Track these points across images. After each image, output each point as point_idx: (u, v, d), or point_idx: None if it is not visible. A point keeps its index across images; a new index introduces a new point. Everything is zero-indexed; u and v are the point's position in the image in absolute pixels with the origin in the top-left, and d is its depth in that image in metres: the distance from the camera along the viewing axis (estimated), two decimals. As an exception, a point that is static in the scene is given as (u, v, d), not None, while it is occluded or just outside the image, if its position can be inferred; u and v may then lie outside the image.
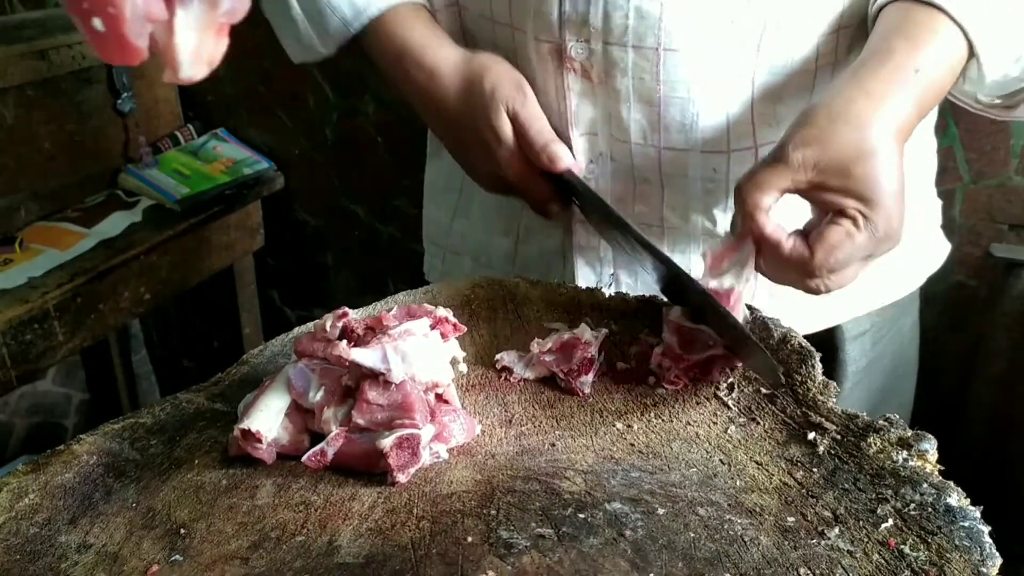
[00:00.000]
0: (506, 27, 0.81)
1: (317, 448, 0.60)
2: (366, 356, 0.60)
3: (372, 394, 0.60)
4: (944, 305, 1.45)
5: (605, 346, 0.70)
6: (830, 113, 0.65)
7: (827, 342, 0.88)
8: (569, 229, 0.86)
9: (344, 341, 0.61)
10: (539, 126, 0.79)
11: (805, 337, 0.69)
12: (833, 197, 0.65)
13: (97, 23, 0.40)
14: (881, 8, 0.71)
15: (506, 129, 0.79)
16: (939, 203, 0.96)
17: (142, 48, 0.41)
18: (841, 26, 0.75)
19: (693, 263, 0.83)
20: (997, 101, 0.75)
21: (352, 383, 0.61)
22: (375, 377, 0.60)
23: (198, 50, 0.44)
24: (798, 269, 0.66)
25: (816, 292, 0.68)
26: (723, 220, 0.82)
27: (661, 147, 0.79)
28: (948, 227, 1.00)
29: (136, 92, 1.63)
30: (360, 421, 0.59)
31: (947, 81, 0.69)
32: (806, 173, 0.65)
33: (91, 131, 1.57)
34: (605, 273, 0.87)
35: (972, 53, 0.68)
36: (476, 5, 0.82)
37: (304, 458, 0.60)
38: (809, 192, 0.66)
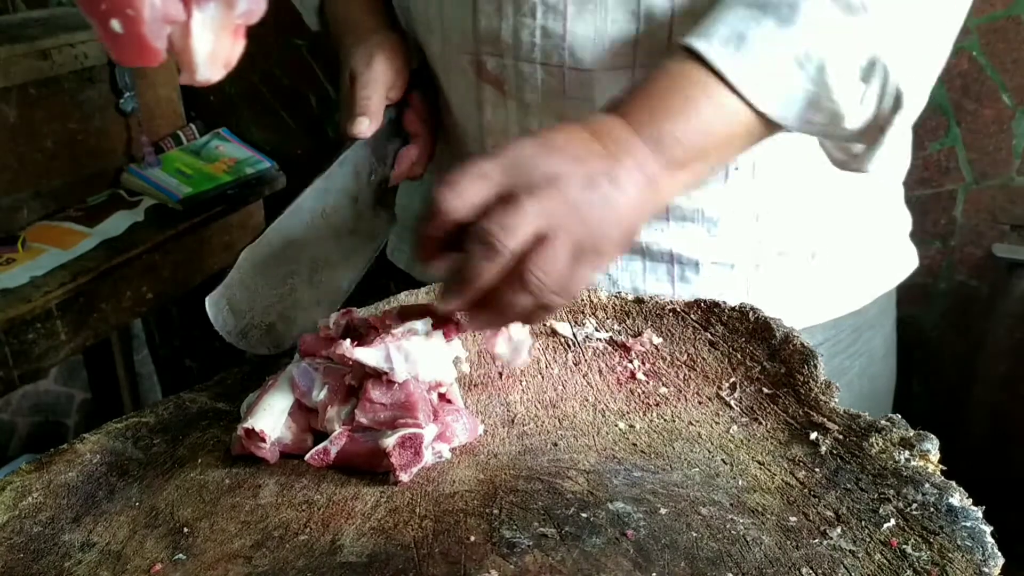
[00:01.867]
0: (437, 37, 0.83)
1: (320, 447, 0.60)
2: (369, 355, 0.60)
3: (375, 393, 0.60)
4: (946, 305, 1.45)
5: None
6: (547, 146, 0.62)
7: None
8: None
9: (348, 340, 0.61)
10: (362, 94, 0.82)
11: None
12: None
13: (115, 25, 0.40)
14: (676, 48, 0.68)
15: (344, 87, 0.84)
16: (907, 214, 0.94)
17: (160, 49, 0.42)
18: None
19: (611, 268, 0.84)
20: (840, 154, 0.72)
21: (355, 382, 0.61)
22: (378, 376, 0.60)
23: (215, 52, 0.44)
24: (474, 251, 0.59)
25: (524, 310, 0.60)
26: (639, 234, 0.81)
27: None
28: (950, 227, 0.99)
29: (139, 91, 1.63)
30: (363, 420, 0.59)
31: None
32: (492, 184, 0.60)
33: (93, 130, 1.57)
34: None
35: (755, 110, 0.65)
36: (418, 14, 0.85)
37: (308, 456, 0.60)
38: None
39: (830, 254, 0.85)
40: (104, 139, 1.60)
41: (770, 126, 0.66)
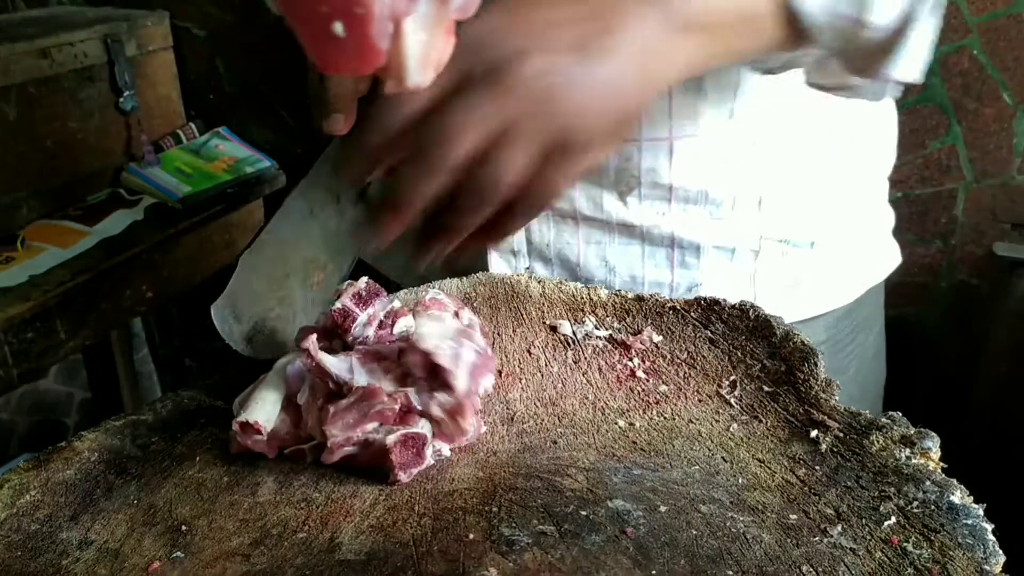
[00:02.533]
0: None
1: (327, 450, 0.60)
2: (333, 363, 0.59)
3: (339, 404, 0.59)
4: (947, 304, 1.45)
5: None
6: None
7: None
8: None
9: (314, 336, 0.61)
10: (334, 91, 0.80)
11: None
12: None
13: (338, 28, 0.36)
14: None
15: (313, 84, 0.83)
16: (891, 211, 0.95)
17: (384, 51, 0.37)
18: None
19: (608, 253, 0.83)
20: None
21: (335, 386, 0.60)
22: (338, 387, 0.60)
23: (427, 53, 0.39)
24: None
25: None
26: (637, 208, 0.81)
27: None
28: (950, 226, 0.99)
29: (138, 90, 1.63)
30: (334, 431, 0.58)
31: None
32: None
33: (93, 129, 1.57)
34: (520, 265, 0.87)
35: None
36: None
37: (322, 457, 0.59)
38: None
39: (829, 244, 0.85)
40: (104, 138, 1.60)
41: (792, 28, 0.59)
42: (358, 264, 0.83)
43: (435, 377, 0.60)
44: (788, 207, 0.82)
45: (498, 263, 0.87)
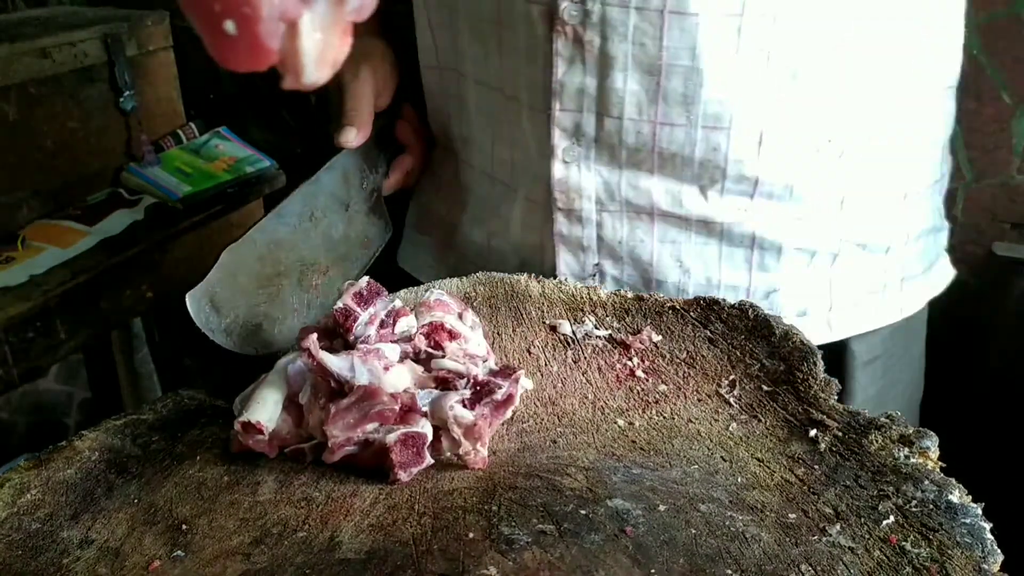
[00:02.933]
0: None
1: (328, 450, 0.60)
2: (334, 362, 0.60)
3: (341, 403, 0.59)
4: (946, 304, 1.45)
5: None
6: None
7: (836, 367, 0.83)
8: (550, 218, 0.82)
9: (315, 335, 0.61)
10: (350, 105, 0.80)
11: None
12: None
13: (229, 26, 0.38)
14: None
15: (332, 94, 0.82)
16: (946, 225, 0.93)
17: (275, 50, 0.39)
18: (856, 15, 0.71)
19: (684, 253, 0.80)
20: None
21: (336, 385, 0.60)
22: (340, 386, 0.60)
23: (323, 52, 0.40)
24: None
25: None
26: (718, 203, 0.78)
27: (658, 122, 0.74)
28: (950, 226, 1.00)
29: (138, 90, 1.63)
30: (336, 432, 0.59)
31: None
32: None
33: (93, 129, 1.57)
34: (589, 262, 0.83)
35: None
36: None
37: (323, 456, 0.60)
38: None
39: (902, 251, 0.84)
40: (104, 138, 1.60)
41: None
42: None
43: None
44: (869, 209, 0.80)
45: (566, 258, 0.83)
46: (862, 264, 0.82)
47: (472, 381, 0.62)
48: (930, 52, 0.80)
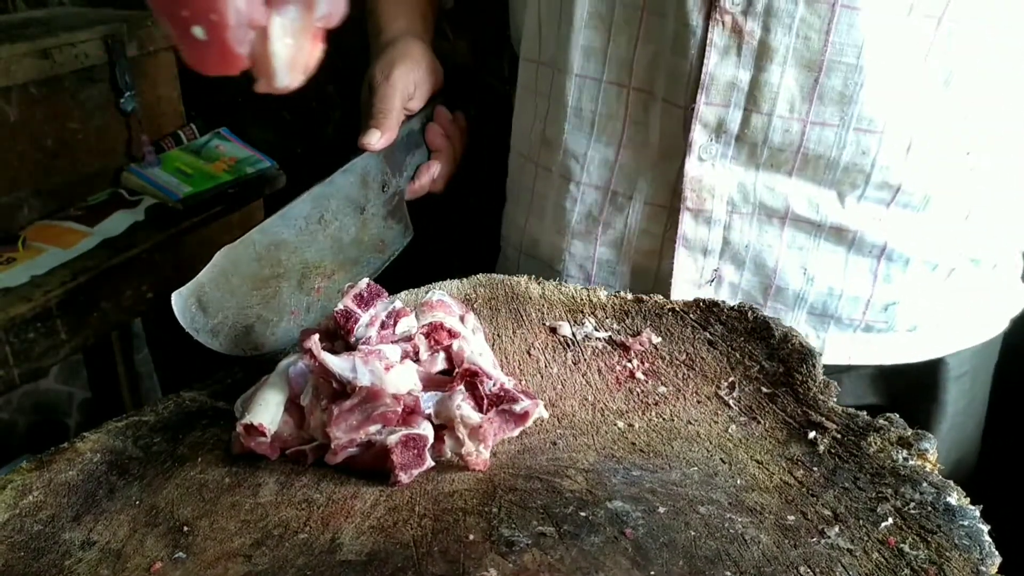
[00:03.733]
0: None
1: (330, 451, 0.60)
2: (335, 362, 0.60)
3: (343, 404, 0.59)
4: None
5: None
6: None
7: (929, 379, 0.83)
8: (675, 221, 0.80)
9: (316, 336, 0.61)
10: (378, 107, 0.80)
11: (908, 366, 0.66)
12: None
13: (198, 31, 0.39)
14: None
15: (363, 96, 0.83)
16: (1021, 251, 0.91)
17: (243, 56, 0.40)
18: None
19: (809, 260, 0.78)
20: None
21: (338, 386, 0.61)
22: (342, 387, 0.60)
23: (294, 57, 0.42)
24: None
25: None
26: (855, 209, 0.76)
27: (809, 120, 0.72)
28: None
29: (139, 91, 1.63)
30: (338, 434, 0.59)
31: None
32: None
33: (94, 130, 1.57)
34: (709, 266, 0.81)
35: None
36: None
37: (325, 458, 0.60)
38: None
39: (1005, 267, 0.83)
40: (104, 138, 1.60)
41: None
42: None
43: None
44: (991, 224, 0.79)
45: (685, 261, 0.81)
46: (972, 280, 0.81)
47: (498, 385, 0.62)
48: None
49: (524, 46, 0.86)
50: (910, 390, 0.84)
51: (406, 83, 0.84)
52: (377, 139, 0.80)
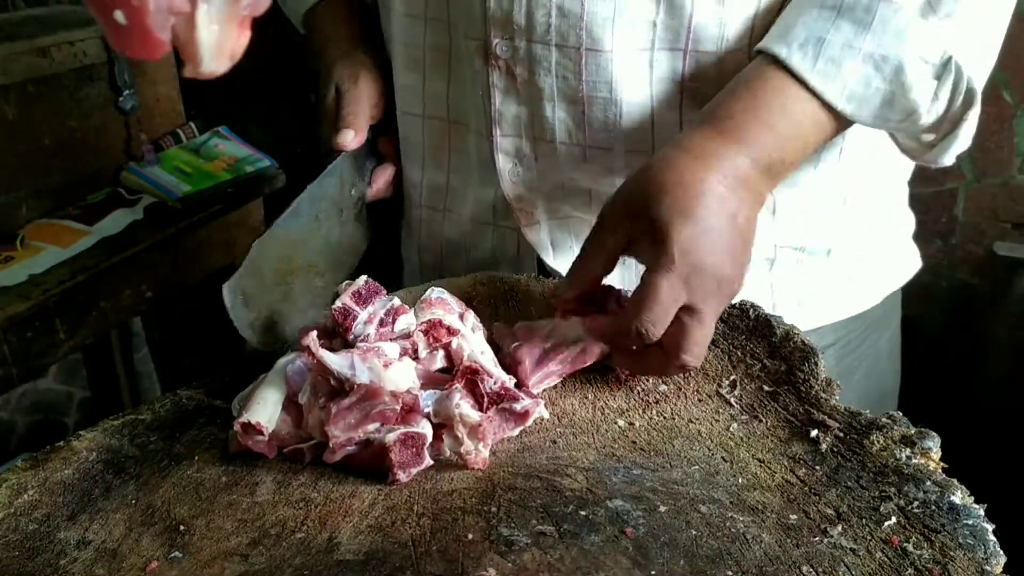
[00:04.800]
0: (439, 23, 0.82)
1: (328, 450, 0.60)
2: (334, 360, 0.59)
3: (342, 403, 0.59)
4: (947, 303, 1.45)
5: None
6: (645, 175, 0.66)
7: None
8: (517, 237, 0.86)
9: (314, 333, 0.61)
10: (349, 109, 0.84)
11: None
12: (640, 251, 0.66)
13: (119, 16, 0.39)
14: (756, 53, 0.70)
15: (329, 100, 0.86)
16: (910, 215, 0.94)
17: (165, 41, 0.41)
18: (754, 38, 0.73)
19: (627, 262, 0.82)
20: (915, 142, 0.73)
21: (336, 384, 0.60)
22: (340, 385, 0.59)
23: (220, 44, 0.43)
24: (622, 332, 0.63)
25: (663, 368, 0.65)
26: None
27: (586, 146, 0.79)
28: (951, 225, 0.99)
29: (138, 89, 1.63)
30: (336, 432, 0.58)
31: (802, 133, 0.68)
32: (621, 234, 0.66)
33: (92, 128, 1.57)
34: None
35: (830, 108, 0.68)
36: (410, 6, 0.83)
37: (324, 457, 0.59)
38: (630, 253, 0.67)
39: (845, 252, 0.85)
40: (103, 137, 1.60)
41: (845, 122, 0.69)
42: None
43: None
44: (803, 214, 0.82)
45: (560, 262, 0.85)
46: (802, 267, 0.84)
47: (499, 384, 0.61)
48: None
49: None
50: None
51: (371, 91, 0.88)
52: (351, 139, 0.84)
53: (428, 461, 0.59)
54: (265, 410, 0.60)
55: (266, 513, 0.55)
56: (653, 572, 0.48)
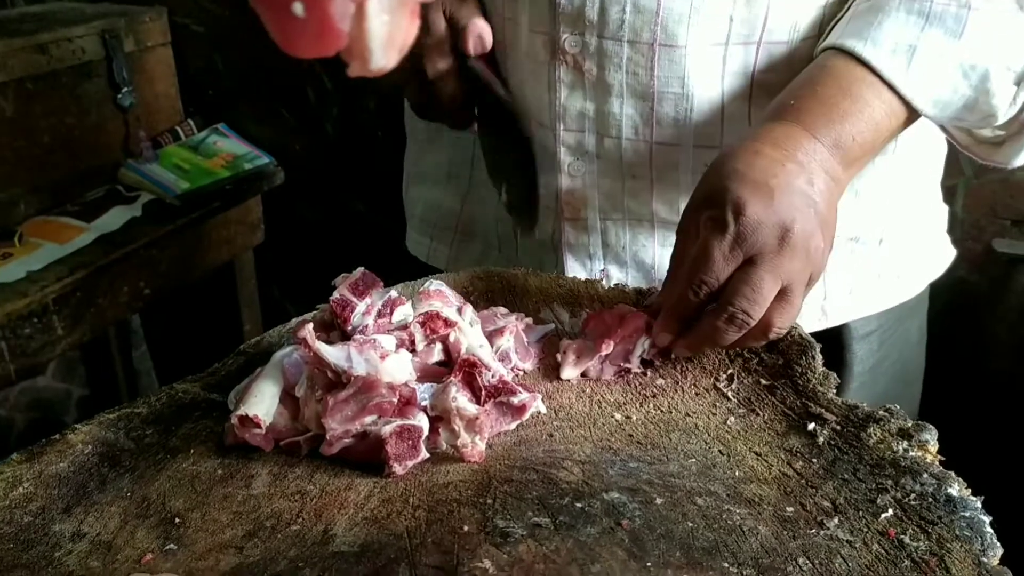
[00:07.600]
0: (500, 18, 0.81)
1: (325, 442, 0.59)
2: (331, 352, 0.59)
3: (338, 395, 0.59)
4: (947, 301, 1.45)
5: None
6: (723, 167, 0.65)
7: (834, 340, 0.87)
8: (559, 226, 0.86)
9: (310, 326, 0.60)
10: (467, 11, 0.80)
11: (812, 334, 0.68)
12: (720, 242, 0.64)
13: (298, 8, 0.36)
14: (823, 50, 0.71)
15: (438, 21, 0.80)
16: (944, 208, 0.96)
17: (344, 32, 0.37)
18: (823, 26, 0.74)
19: None
20: (989, 135, 0.75)
21: (333, 377, 0.60)
22: (337, 377, 0.59)
23: (392, 35, 0.39)
24: (721, 331, 0.63)
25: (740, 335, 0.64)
26: None
27: (653, 142, 0.79)
28: (950, 222, 0.99)
29: (136, 86, 1.63)
30: (333, 424, 0.58)
31: (876, 123, 0.68)
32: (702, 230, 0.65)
33: (91, 125, 1.57)
34: (595, 269, 0.87)
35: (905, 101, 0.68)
36: None
37: (321, 449, 0.59)
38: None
39: (895, 242, 0.86)
40: (102, 134, 1.60)
41: (916, 117, 0.70)
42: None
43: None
44: (858, 204, 0.82)
45: (573, 266, 0.87)
46: (854, 257, 0.84)
47: (498, 377, 0.61)
48: None
49: None
50: None
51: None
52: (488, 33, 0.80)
53: (424, 454, 0.58)
54: (262, 403, 0.60)
55: (261, 506, 0.55)
56: (649, 564, 0.48)
